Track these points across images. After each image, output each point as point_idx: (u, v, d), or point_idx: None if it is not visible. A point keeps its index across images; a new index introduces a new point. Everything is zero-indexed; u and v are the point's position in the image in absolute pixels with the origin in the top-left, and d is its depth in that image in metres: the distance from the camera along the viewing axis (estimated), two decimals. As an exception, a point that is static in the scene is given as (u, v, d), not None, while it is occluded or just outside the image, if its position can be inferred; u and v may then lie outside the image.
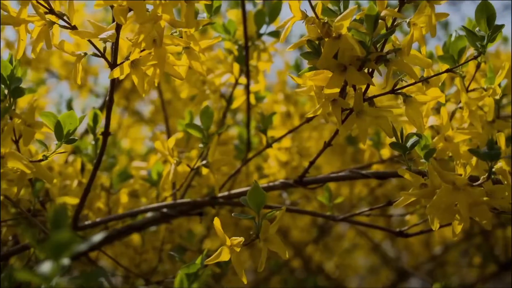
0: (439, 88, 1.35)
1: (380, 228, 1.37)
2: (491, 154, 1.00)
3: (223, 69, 1.46)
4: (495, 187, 1.09)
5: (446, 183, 1.04)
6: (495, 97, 1.27)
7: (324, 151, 2.16)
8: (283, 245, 1.13)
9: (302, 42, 1.07)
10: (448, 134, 1.22)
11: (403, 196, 1.10)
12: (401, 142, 1.12)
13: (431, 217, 1.09)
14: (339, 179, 1.29)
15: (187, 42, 1.12)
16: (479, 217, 1.07)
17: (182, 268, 1.20)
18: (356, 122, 1.12)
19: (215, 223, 1.11)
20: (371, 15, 1.01)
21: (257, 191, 1.09)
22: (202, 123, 1.25)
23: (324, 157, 2.15)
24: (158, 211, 1.36)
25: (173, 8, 1.04)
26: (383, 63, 1.09)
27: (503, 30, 1.13)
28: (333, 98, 1.10)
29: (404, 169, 1.10)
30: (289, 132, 1.37)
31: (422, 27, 1.07)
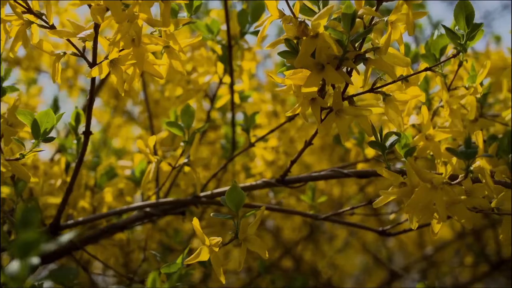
0: (419, 86, 1.35)
1: (363, 227, 1.37)
2: (467, 152, 0.99)
3: (206, 68, 1.45)
4: (475, 186, 1.09)
5: (423, 181, 1.04)
6: (476, 96, 1.27)
7: (314, 151, 2.16)
8: (263, 245, 1.13)
9: (280, 41, 1.07)
10: (429, 133, 1.22)
11: (383, 195, 1.10)
12: (380, 141, 1.12)
13: (410, 216, 1.09)
14: (321, 178, 1.29)
15: (166, 41, 1.12)
16: (458, 216, 1.06)
17: (163, 268, 1.20)
18: (336, 121, 1.11)
19: (194, 223, 1.11)
20: (347, 13, 1.01)
21: (236, 190, 1.09)
22: (183, 122, 1.25)
23: (313, 156, 2.15)
24: (141, 210, 1.36)
25: (150, 7, 1.05)
26: (362, 61, 1.09)
27: (496, 29, 1.13)
28: (312, 97, 1.10)
29: (383, 168, 1.10)
30: (271, 131, 1.36)
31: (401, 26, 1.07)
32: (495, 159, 1.28)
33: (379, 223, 2.37)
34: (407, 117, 1.26)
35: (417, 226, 1.09)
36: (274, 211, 1.50)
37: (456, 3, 1.15)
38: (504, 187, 1.15)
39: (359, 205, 1.26)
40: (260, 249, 1.12)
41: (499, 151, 1.29)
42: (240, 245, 1.13)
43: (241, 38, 1.42)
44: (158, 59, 1.17)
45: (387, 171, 1.10)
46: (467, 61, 1.28)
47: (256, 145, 1.67)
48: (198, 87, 1.46)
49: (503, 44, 2.74)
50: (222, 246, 1.14)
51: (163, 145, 1.62)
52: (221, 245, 1.13)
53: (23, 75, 2.23)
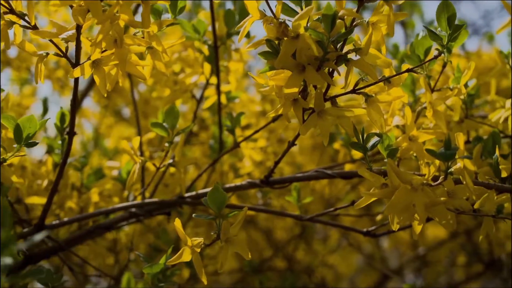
0: (406, 87, 1.35)
1: (349, 228, 1.37)
2: (446, 154, 0.99)
3: (193, 69, 1.46)
4: (456, 187, 1.09)
5: (403, 183, 1.04)
6: (461, 97, 1.27)
7: (305, 151, 2.16)
8: (245, 246, 1.13)
9: (261, 41, 1.07)
10: (413, 134, 1.21)
11: (364, 196, 1.10)
12: (362, 142, 1.12)
13: (391, 218, 1.09)
14: (305, 179, 1.29)
15: (148, 42, 1.12)
16: (438, 218, 1.06)
17: (145, 268, 1.20)
18: (318, 122, 1.11)
19: (175, 224, 1.11)
20: (328, 14, 1.01)
21: (218, 191, 1.09)
22: (167, 123, 1.25)
23: (305, 157, 2.15)
24: (127, 211, 1.36)
25: (131, 8, 1.05)
26: (343, 63, 1.09)
27: (496, 29, 1.12)
28: (294, 98, 1.10)
29: (364, 169, 1.10)
30: (256, 131, 1.36)
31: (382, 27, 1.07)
32: (480, 161, 1.28)
33: (372, 223, 2.37)
34: (391, 118, 1.26)
35: (399, 228, 1.09)
36: (258, 211, 1.49)
37: (457, 3, 1.15)
38: (486, 188, 1.15)
39: (343, 206, 1.26)
40: (242, 250, 1.12)
41: (484, 152, 1.30)
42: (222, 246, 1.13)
43: (227, 38, 1.42)
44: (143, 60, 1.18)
45: (368, 172, 1.10)
46: (451, 62, 1.28)
47: (245, 145, 1.68)
48: (184, 87, 1.46)
49: (497, 44, 2.74)
50: (205, 247, 1.14)
51: (151, 145, 1.62)
52: (203, 246, 1.14)
53: (15, 75, 2.24)
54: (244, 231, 2.39)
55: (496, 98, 1.48)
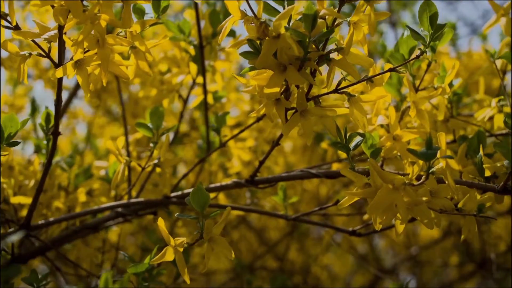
0: (392, 87, 1.35)
1: (333, 228, 1.37)
2: (427, 154, 0.99)
3: (179, 69, 1.46)
4: (439, 187, 1.09)
5: (386, 182, 1.04)
6: (445, 96, 1.27)
7: (297, 151, 2.16)
8: (228, 246, 1.12)
9: (243, 41, 1.07)
10: (397, 133, 1.21)
11: (347, 196, 1.10)
12: (345, 142, 1.12)
13: (374, 217, 1.08)
14: (290, 179, 1.29)
15: (130, 42, 1.12)
16: (420, 217, 1.06)
17: (129, 268, 1.20)
18: (301, 122, 1.11)
19: (158, 223, 1.11)
20: (308, 14, 1.01)
21: (200, 191, 1.09)
22: (152, 123, 1.25)
23: (296, 156, 2.16)
24: (113, 211, 1.36)
25: (111, 8, 1.05)
26: (325, 62, 1.09)
27: (495, 28, 1.12)
28: (276, 98, 1.10)
29: (347, 169, 1.10)
30: (241, 131, 1.36)
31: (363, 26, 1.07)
32: (465, 160, 1.28)
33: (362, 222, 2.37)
34: (375, 118, 1.26)
35: (383, 227, 1.09)
36: (243, 211, 1.49)
37: (455, 3, 1.15)
38: (469, 187, 1.15)
39: (327, 206, 1.26)
40: (225, 249, 1.12)
41: (470, 151, 1.30)
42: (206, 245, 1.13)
43: (213, 38, 1.42)
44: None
45: (351, 172, 1.09)
46: (436, 61, 1.29)
47: (234, 145, 1.68)
48: (171, 87, 1.46)
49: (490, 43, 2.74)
50: (189, 246, 1.15)
51: (140, 145, 1.62)
52: (187, 245, 1.14)
53: (7, 75, 2.24)
54: (237, 231, 2.40)
55: (483, 97, 1.48)
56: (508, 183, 1.14)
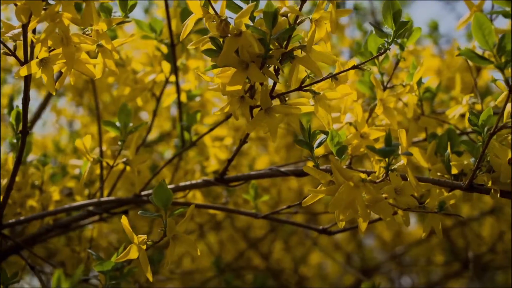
0: (365, 84, 1.35)
1: (303, 226, 1.37)
2: (385, 151, 0.99)
3: (152, 67, 1.46)
4: (404, 184, 1.09)
5: (346, 180, 1.04)
6: (415, 94, 1.27)
7: (280, 149, 2.16)
8: (193, 243, 1.13)
9: (204, 39, 1.07)
10: (364, 131, 1.21)
11: (311, 194, 1.10)
12: (309, 140, 1.12)
13: (336, 214, 1.08)
14: (259, 177, 1.29)
15: (94, 40, 1.12)
16: (382, 214, 1.06)
17: (96, 266, 1.21)
18: (265, 119, 1.11)
19: (122, 221, 1.11)
20: (268, 12, 1.01)
21: (163, 189, 1.08)
22: (119, 121, 1.25)
23: (280, 155, 2.15)
24: (84, 209, 1.36)
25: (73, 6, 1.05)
26: (289, 60, 1.09)
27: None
28: (240, 95, 1.10)
29: (310, 167, 1.10)
30: (211, 130, 1.36)
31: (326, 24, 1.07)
32: (434, 157, 1.28)
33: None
34: (343, 115, 1.26)
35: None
36: (210, 209, 1.49)
37: (453, 3, 1.14)
38: (434, 185, 1.15)
39: (294, 204, 1.26)
40: (189, 247, 1.12)
41: (440, 148, 1.29)
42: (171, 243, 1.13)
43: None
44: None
45: (314, 169, 1.09)
46: (404, 59, 1.29)
47: (211, 144, 1.68)
48: (143, 85, 1.46)
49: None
50: (154, 244, 1.15)
51: (115, 143, 1.62)
52: (152, 243, 1.14)
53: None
54: (225, 231, 2.40)
55: (458, 94, 1.48)
56: (474, 180, 1.14)
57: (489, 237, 2.38)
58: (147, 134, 1.47)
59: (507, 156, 1.11)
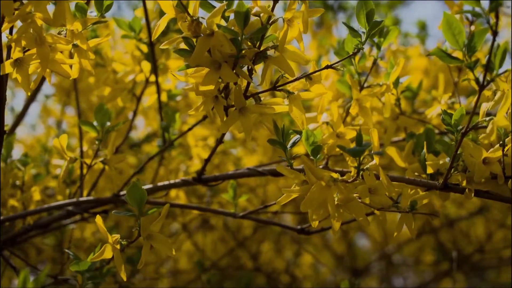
0: (343, 84, 1.35)
1: (281, 225, 1.37)
2: (355, 150, 0.99)
3: (132, 67, 1.46)
4: (378, 184, 1.09)
5: (318, 179, 1.04)
6: (391, 93, 1.27)
7: (268, 150, 2.16)
8: (168, 242, 1.13)
9: (177, 39, 1.07)
10: (340, 131, 1.21)
11: (284, 194, 1.10)
12: (283, 140, 1.12)
13: (310, 214, 1.08)
14: (237, 177, 1.29)
15: (68, 41, 1.12)
16: (355, 214, 1.06)
17: (72, 265, 1.21)
18: (240, 119, 1.11)
19: (97, 221, 1.11)
20: (240, 11, 1.01)
21: (137, 189, 1.09)
22: (97, 121, 1.26)
23: (267, 154, 2.15)
24: (64, 209, 1.36)
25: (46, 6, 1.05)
26: (262, 60, 1.09)
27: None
28: (214, 95, 1.10)
29: (283, 166, 1.10)
30: (189, 130, 1.36)
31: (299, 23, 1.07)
32: (411, 157, 1.28)
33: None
34: (320, 115, 1.26)
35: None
36: (186, 208, 1.49)
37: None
38: (409, 184, 1.15)
39: (270, 204, 1.26)
40: (164, 246, 1.12)
41: (418, 148, 1.29)
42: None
43: (163, 36, 1.42)
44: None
45: (287, 169, 1.09)
46: (381, 59, 1.28)
47: (194, 143, 1.69)
48: (123, 85, 1.46)
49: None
50: (129, 243, 1.15)
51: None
52: (126, 243, 1.14)
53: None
54: (216, 231, 2.40)
55: (436, 94, 1.48)
56: (450, 180, 1.14)
57: (480, 236, 2.38)
58: (127, 134, 1.47)
59: (481, 155, 1.11)
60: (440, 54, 0.99)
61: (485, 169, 1.11)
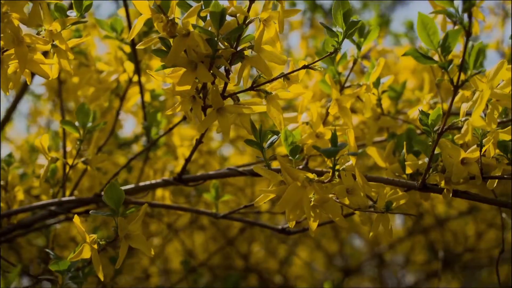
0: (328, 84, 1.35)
1: (259, 225, 1.37)
2: (330, 151, 0.99)
3: (115, 67, 1.46)
4: (355, 184, 1.09)
5: (294, 180, 1.04)
6: (371, 93, 1.27)
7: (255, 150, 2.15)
8: (145, 242, 1.13)
9: (153, 39, 1.07)
10: (319, 131, 1.21)
11: (262, 194, 1.10)
12: (260, 140, 1.12)
13: (287, 214, 1.08)
14: (217, 177, 1.29)
15: (46, 41, 1.12)
16: (331, 214, 1.06)
17: (51, 265, 1.21)
18: (218, 119, 1.11)
19: (75, 221, 1.11)
20: (215, 12, 1.01)
21: (114, 189, 1.09)
22: (78, 121, 1.26)
23: (255, 154, 2.15)
24: (46, 209, 1.36)
25: (23, 7, 1.05)
26: (240, 60, 1.09)
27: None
28: (192, 95, 1.10)
29: (260, 166, 1.10)
30: (170, 130, 1.36)
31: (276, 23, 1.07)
32: (392, 157, 1.28)
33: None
34: (300, 115, 1.26)
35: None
36: (166, 208, 1.49)
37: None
38: (387, 184, 1.15)
39: (249, 204, 1.26)
40: (142, 246, 1.12)
41: (399, 148, 1.29)
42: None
43: (145, 36, 1.42)
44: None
45: (264, 169, 1.09)
46: (361, 59, 1.28)
47: (179, 143, 1.69)
48: (107, 85, 1.46)
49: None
50: (108, 243, 1.15)
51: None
52: (105, 243, 1.14)
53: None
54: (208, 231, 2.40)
55: (420, 94, 1.48)
56: (427, 180, 1.14)
57: (471, 236, 2.38)
58: (111, 134, 1.47)
59: (460, 156, 1.10)
60: (415, 55, 0.99)
61: (463, 170, 1.11)
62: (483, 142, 1.09)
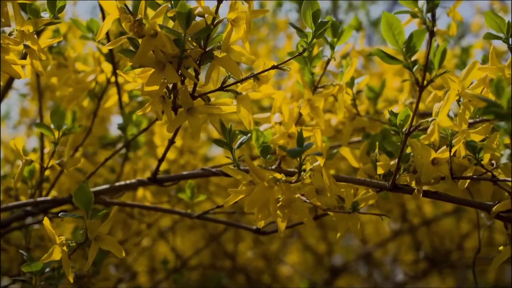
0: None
1: (239, 226, 1.37)
2: (294, 151, 0.99)
3: (92, 67, 1.46)
4: (325, 184, 1.09)
5: (260, 180, 1.04)
6: (344, 94, 1.27)
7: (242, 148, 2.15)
8: (116, 244, 1.13)
9: (122, 39, 1.07)
10: (292, 131, 1.21)
11: (232, 194, 1.10)
12: (229, 141, 1.12)
13: (256, 214, 1.08)
14: (191, 177, 1.29)
15: (17, 42, 1.12)
16: (298, 214, 1.06)
17: (23, 266, 1.21)
18: (188, 120, 1.11)
19: (44, 222, 1.11)
20: (182, 12, 1.01)
21: (83, 191, 1.09)
22: (53, 123, 1.26)
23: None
24: (22, 209, 1.37)
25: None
26: (209, 60, 1.09)
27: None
28: (161, 95, 1.10)
29: (229, 167, 1.10)
30: (144, 130, 1.36)
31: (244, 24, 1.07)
32: (366, 157, 1.28)
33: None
34: (273, 115, 1.26)
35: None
36: (139, 208, 1.49)
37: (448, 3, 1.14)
38: (357, 184, 1.15)
39: (222, 205, 1.26)
40: (113, 247, 1.12)
41: (373, 148, 1.29)
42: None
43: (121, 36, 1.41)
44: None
45: (233, 169, 1.09)
46: (335, 59, 1.28)
47: (161, 143, 1.69)
48: (84, 86, 1.46)
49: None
50: (78, 245, 1.15)
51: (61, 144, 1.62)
52: (75, 245, 1.14)
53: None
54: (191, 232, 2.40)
55: (397, 94, 1.47)
56: (397, 180, 1.13)
57: (457, 236, 2.38)
58: (87, 136, 1.47)
59: (430, 156, 1.10)
60: (380, 55, 0.99)
61: (433, 170, 1.11)
62: (453, 142, 1.09)
